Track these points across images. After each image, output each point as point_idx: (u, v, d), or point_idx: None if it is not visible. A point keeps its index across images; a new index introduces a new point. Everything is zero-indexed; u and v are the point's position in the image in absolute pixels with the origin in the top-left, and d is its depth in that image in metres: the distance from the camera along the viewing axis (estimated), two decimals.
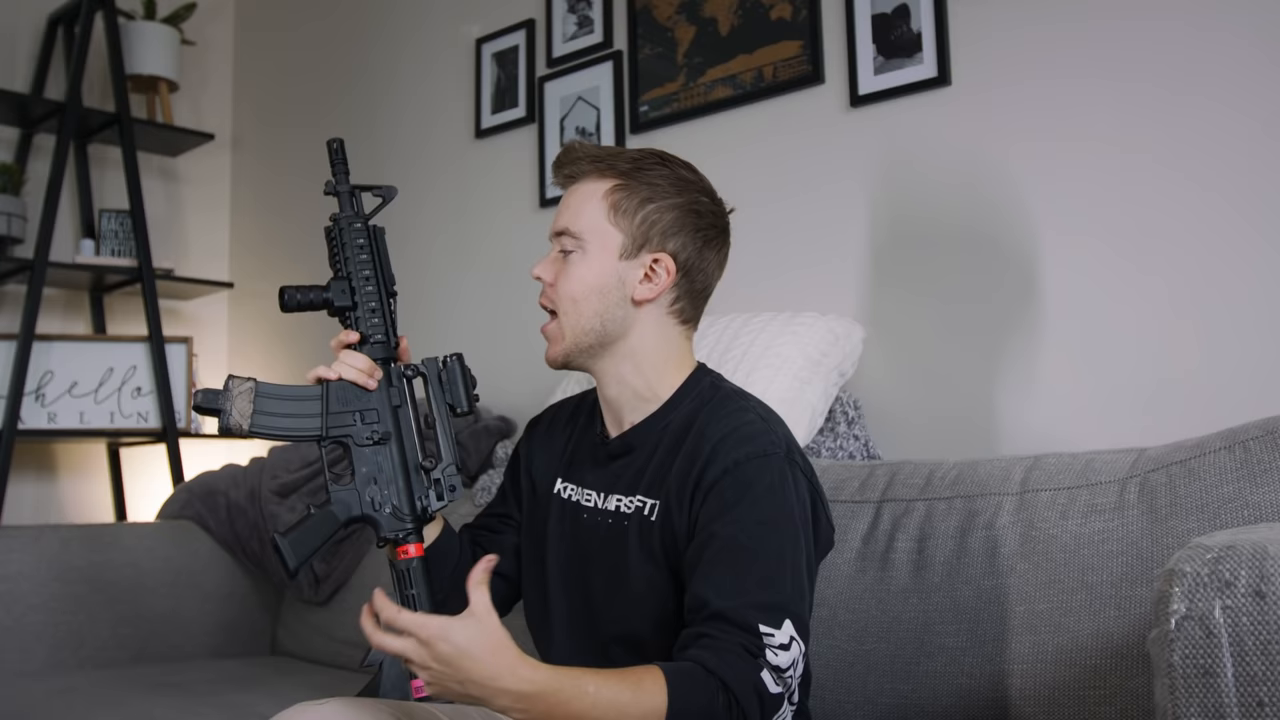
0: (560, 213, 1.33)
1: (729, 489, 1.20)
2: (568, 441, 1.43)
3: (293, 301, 1.31)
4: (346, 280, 1.33)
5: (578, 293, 1.29)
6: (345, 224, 1.36)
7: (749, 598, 1.13)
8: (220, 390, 1.26)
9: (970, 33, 1.88)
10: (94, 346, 2.98)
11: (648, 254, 1.30)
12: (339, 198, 1.37)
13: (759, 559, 1.16)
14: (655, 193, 1.30)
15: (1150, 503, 1.35)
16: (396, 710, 1.15)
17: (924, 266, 1.92)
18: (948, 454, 1.67)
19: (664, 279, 1.30)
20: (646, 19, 2.35)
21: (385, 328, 1.33)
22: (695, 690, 1.07)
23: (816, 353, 1.82)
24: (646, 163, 1.31)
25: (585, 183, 1.33)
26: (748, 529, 1.17)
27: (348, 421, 1.29)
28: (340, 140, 1.38)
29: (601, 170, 1.31)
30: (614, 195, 1.30)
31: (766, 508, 1.19)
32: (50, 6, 3.10)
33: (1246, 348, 1.59)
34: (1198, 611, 0.86)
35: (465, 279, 2.69)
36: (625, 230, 1.29)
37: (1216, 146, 1.63)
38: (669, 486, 1.26)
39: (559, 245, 1.32)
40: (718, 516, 1.19)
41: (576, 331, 1.30)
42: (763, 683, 1.10)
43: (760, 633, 1.12)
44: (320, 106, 3.17)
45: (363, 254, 1.34)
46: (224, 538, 2.47)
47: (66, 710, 1.83)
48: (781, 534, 1.19)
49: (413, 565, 1.27)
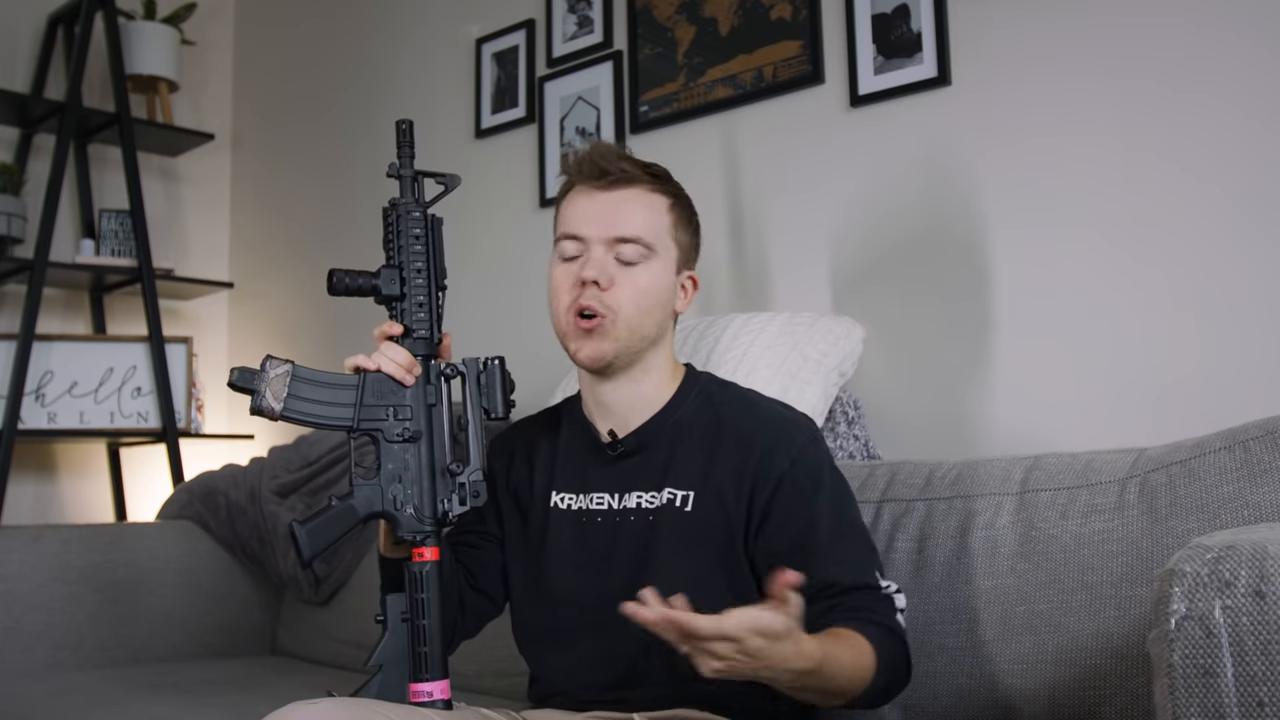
0: (617, 218, 1.31)
1: (804, 478, 1.29)
2: (552, 454, 1.42)
3: (340, 285, 1.28)
4: (398, 269, 1.30)
5: (646, 302, 1.31)
6: (403, 211, 1.31)
7: (864, 564, 1.27)
8: (256, 370, 1.24)
9: (970, 32, 1.88)
10: (94, 346, 2.98)
11: (686, 270, 1.38)
12: (400, 182, 1.32)
13: (853, 530, 1.30)
14: (693, 215, 1.40)
15: (1150, 503, 1.35)
16: (390, 711, 1.15)
17: (924, 266, 1.92)
18: (948, 454, 1.67)
19: (692, 293, 1.40)
20: (646, 19, 2.35)
21: (431, 322, 1.31)
22: (886, 641, 1.20)
23: (816, 353, 1.82)
24: (678, 183, 1.39)
25: (640, 190, 1.33)
26: (836, 509, 1.29)
27: (380, 415, 1.27)
28: (410, 122, 1.34)
29: (656, 185, 1.35)
30: (675, 212, 1.36)
31: (837, 486, 1.31)
32: (50, 6, 3.10)
33: (1247, 347, 1.59)
34: (1198, 611, 0.86)
35: (465, 279, 2.68)
36: (680, 247, 1.36)
37: (1217, 145, 1.63)
38: (714, 479, 1.29)
39: (611, 251, 1.31)
40: (804, 504, 1.28)
41: (635, 336, 1.31)
42: (901, 625, 1.25)
43: (882, 587, 1.26)
44: (320, 106, 3.17)
45: (417, 244, 1.31)
46: (224, 538, 2.47)
47: (66, 710, 1.83)
48: (851, 502, 1.33)
49: (426, 569, 1.25)
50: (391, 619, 1.26)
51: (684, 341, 1.91)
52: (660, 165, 1.38)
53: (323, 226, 3.11)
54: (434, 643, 1.24)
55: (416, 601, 1.24)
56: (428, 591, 1.25)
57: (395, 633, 1.25)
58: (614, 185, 1.32)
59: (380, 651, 1.25)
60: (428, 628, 1.24)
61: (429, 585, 1.25)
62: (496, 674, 1.88)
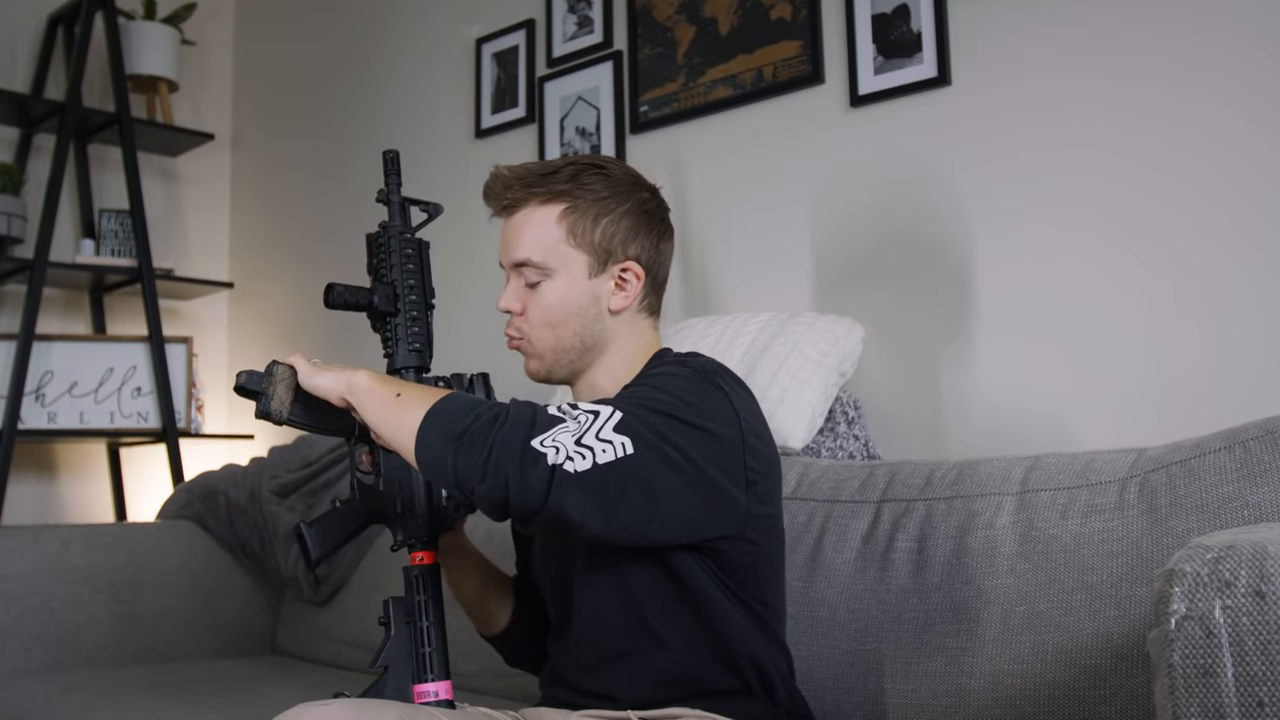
0: (512, 244, 1.32)
1: (637, 382, 1.26)
2: None
3: (339, 299, 1.32)
4: (391, 288, 1.35)
5: (554, 318, 1.31)
6: (395, 234, 1.37)
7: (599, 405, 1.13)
8: (263, 374, 1.25)
9: (970, 33, 1.88)
10: (94, 346, 2.98)
11: (614, 265, 1.31)
12: (389, 207, 1.39)
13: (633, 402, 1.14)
14: (604, 205, 1.31)
15: (1150, 503, 1.35)
16: (401, 712, 1.15)
17: (925, 266, 1.92)
18: (948, 454, 1.67)
19: (635, 284, 1.32)
20: (646, 19, 2.35)
21: (423, 338, 1.35)
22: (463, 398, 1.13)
23: (816, 353, 1.82)
24: (584, 176, 1.31)
25: (528, 210, 1.32)
26: (633, 391, 1.20)
27: None
28: (396, 152, 1.41)
29: (542, 195, 1.31)
30: (567, 219, 1.30)
31: (656, 385, 1.19)
32: (50, 6, 3.10)
33: (1247, 347, 1.59)
34: (1198, 611, 0.86)
35: (464, 279, 2.69)
36: (587, 249, 1.30)
37: (1217, 144, 1.63)
38: None
39: (520, 277, 1.32)
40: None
41: (557, 350, 1.32)
42: (541, 407, 1.10)
43: (561, 411, 1.10)
44: (320, 106, 3.17)
45: (409, 264, 1.36)
46: (224, 538, 2.47)
47: (66, 710, 1.83)
48: (671, 401, 1.15)
49: (424, 572, 1.29)
50: (395, 621, 1.28)
51: (684, 341, 1.91)
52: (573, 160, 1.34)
53: (323, 226, 3.11)
54: (435, 644, 1.26)
55: (416, 603, 1.27)
56: (427, 594, 1.28)
57: (398, 635, 1.27)
58: (509, 211, 1.33)
59: (385, 653, 1.27)
60: (428, 629, 1.26)
61: (428, 587, 1.28)
62: (497, 674, 1.88)
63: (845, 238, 2.02)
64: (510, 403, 1.11)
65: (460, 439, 1.07)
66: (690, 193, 2.22)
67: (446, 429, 1.08)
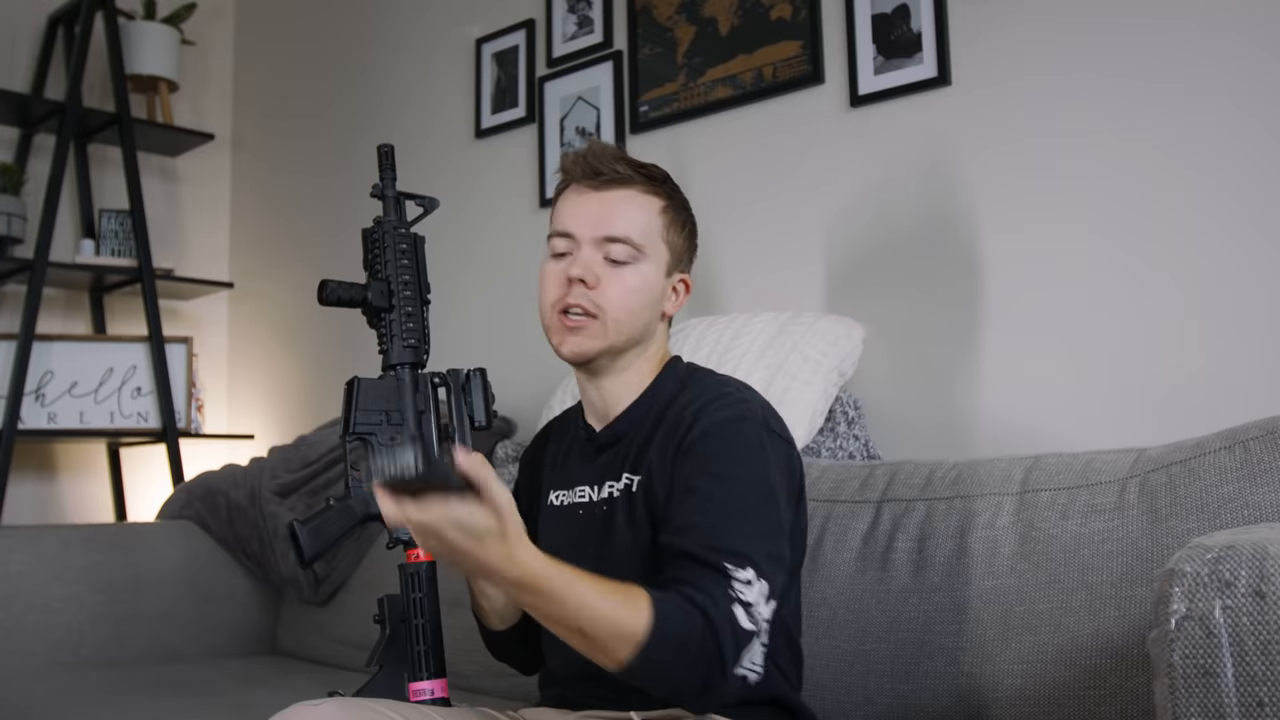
0: (609, 218, 1.30)
1: (706, 448, 1.23)
2: (555, 457, 1.45)
3: (333, 296, 1.31)
4: (385, 283, 1.35)
5: (634, 302, 1.31)
6: (390, 229, 1.37)
7: (717, 542, 1.16)
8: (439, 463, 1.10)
9: (970, 33, 1.88)
10: (94, 346, 2.98)
11: (677, 274, 1.37)
12: (384, 202, 1.39)
13: (730, 509, 1.19)
14: (687, 216, 1.38)
15: (1150, 503, 1.35)
16: (394, 710, 1.15)
17: (924, 266, 1.92)
18: (948, 454, 1.67)
19: (684, 297, 1.39)
20: (646, 19, 2.35)
21: (418, 333, 1.35)
22: (677, 613, 1.09)
23: (816, 353, 1.82)
24: (671, 182, 1.37)
25: (633, 191, 1.32)
26: (721, 483, 1.21)
27: (374, 420, 1.31)
28: (391, 146, 1.41)
29: (651, 186, 1.34)
30: (667, 215, 1.34)
31: (739, 465, 1.22)
32: (50, 6, 3.10)
33: (1247, 347, 1.59)
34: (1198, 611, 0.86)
35: (464, 279, 2.69)
36: (670, 250, 1.35)
37: (1218, 144, 1.63)
38: (650, 458, 1.29)
39: (600, 251, 1.31)
40: (694, 474, 1.22)
41: (619, 336, 1.32)
42: (734, 615, 1.12)
43: (727, 571, 1.13)
44: (320, 106, 3.17)
45: (404, 259, 1.36)
46: (224, 538, 2.47)
47: (66, 710, 1.83)
48: (752, 489, 1.21)
49: (421, 569, 1.28)
50: (390, 620, 1.27)
51: (684, 341, 1.91)
52: (659, 168, 1.38)
53: (323, 226, 3.11)
54: (431, 642, 1.26)
55: (412, 601, 1.27)
56: (423, 591, 1.27)
57: (394, 633, 1.27)
58: (607, 185, 1.32)
59: (380, 652, 1.26)
60: (424, 627, 1.26)
61: (424, 584, 1.28)
62: (496, 674, 1.88)
63: (845, 238, 2.02)
64: (700, 623, 1.09)
65: (675, 686, 1.12)
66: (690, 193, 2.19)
67: (659, 677, 1.10)
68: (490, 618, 1.44)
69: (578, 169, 1.33)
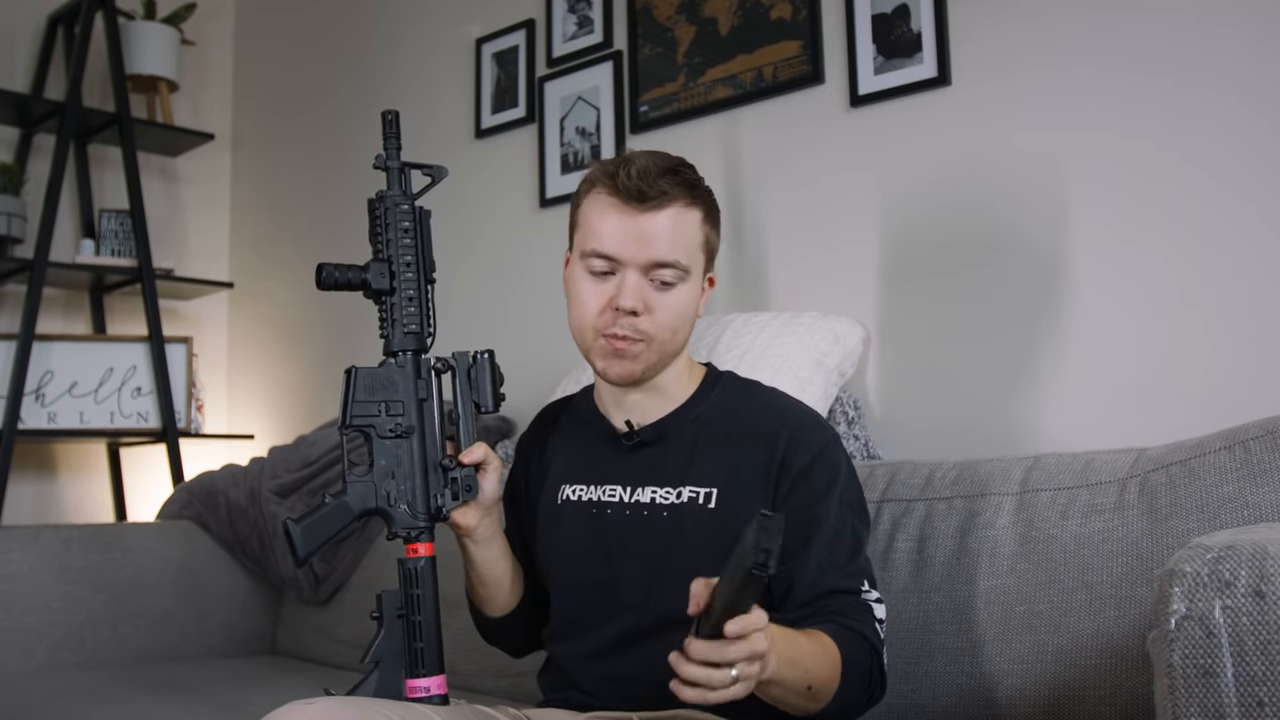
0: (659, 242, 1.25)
1: (819, 475, 1.28)
2: (565, 447, 1.43)
3: (330, 279, 1.26)
4: (386, 263, 1.29)
5: (679, 321, 1.30)
6: (391, 203, 1.30)
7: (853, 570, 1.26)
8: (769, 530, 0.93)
9: (970, 32, 1.88)
10: (94, 346, 2.98)
11: (708, 272, 1.36)
12: (387, 173, 1.32)
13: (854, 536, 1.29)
14: (718, 214, 1.35)
15: (1150, 503, 1.35)
16: (387, 709, 1.14)
17: (924, 266, 1.92)
18: (948, 454, 1.67)
19: (708, 292, 1.37)
20: (646, 19, 2.35)
21: (421, 317, 1.30)
22: (854, 643, 1.19)
23: (816, 353, 1.82)
24: (701, 179, 1.33)
25: (678, 209, 1.27)
26: (843, 511, 1.28)
27: (372, 411, 1.27)
28: (396, 112, 1.32)
29: (691, 198, 1.29)
30: (707, 223, 1.32)
31: (851, 494, 1.31)
32: (50, 6, 3.10)
33: (1247, 347, 1.59)
34: (1198, 611, 0.86)
35: (464, 279, 2.69)
36: (708, 253, 1.34)
37: (1219, 143, 1.63)
38: (737, 475, 1.29)
39: (645, 276, 1.27)
40: (815, 501, 1.27)
41: (666, 355, 1.31)
42: (879, 632, 1.25)
43: (862, 594, 1.25)
44: (320, 106, 3.17)
45: (406, 237, 1.30)
46: (224, 538, 2.47)
47: (66, 710, 1.83)
48: (861, 517, 1.32)
49: (420, 565, 1.25)
50: (387, 616, 1.26)
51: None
52: (687, 165, 1.32)
53: (323, 226, 3.11)
54: (430, 638, 1.24)
55: (411, 597, 1.25)
56: (423, 587, 1.25)
57: (391, 629, 1.25)
58: (656, 206, 1.26)
59: (376, 648, 1.24)
60: (423, 623, 1.24)
61: (424, 580, 1.25)
62: (496, 674, 1.88)
63: (845, 238, 2.02)
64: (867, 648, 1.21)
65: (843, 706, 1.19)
66: None
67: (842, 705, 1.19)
68: (487, 604, 1.43)
69: (623, 189, 1.26)
